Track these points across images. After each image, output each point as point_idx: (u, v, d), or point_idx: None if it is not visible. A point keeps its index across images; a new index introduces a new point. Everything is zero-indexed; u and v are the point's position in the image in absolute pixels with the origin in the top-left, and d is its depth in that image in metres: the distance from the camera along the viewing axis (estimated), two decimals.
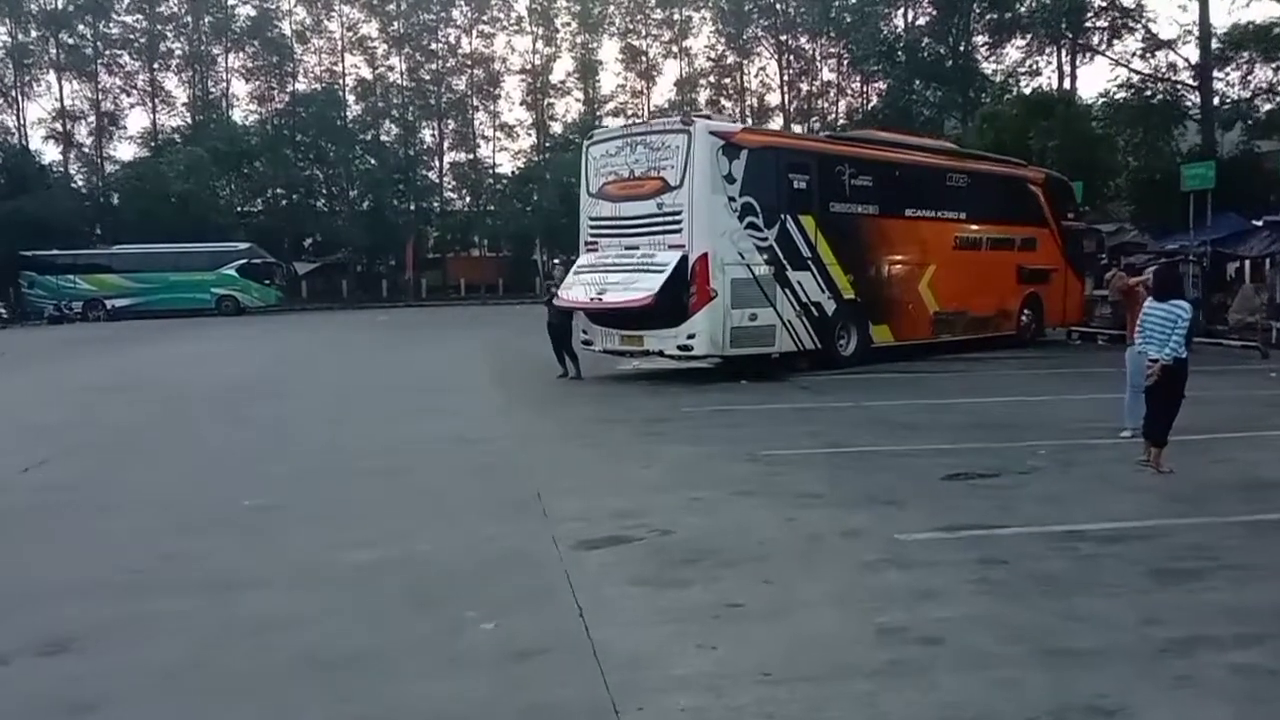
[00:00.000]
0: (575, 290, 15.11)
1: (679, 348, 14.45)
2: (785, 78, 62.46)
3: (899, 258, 17.47)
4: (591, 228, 15.71)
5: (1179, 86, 31.16)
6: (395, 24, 62.12)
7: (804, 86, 63.08)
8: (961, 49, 44.51)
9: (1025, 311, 20.66)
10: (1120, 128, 31.43)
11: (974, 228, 19.07)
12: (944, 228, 18.49)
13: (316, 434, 10.67)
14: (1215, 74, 29.65)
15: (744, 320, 14.60)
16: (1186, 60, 30.86)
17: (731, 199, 14.45)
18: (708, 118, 16.03)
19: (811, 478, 7.88)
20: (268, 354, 22.89)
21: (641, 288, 14.14)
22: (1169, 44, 32.03)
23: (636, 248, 14.75)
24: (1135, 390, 9.76)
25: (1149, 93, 30.48)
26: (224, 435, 10.78)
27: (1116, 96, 31.41)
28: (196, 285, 44.20)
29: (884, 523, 6.45)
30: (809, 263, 15.62)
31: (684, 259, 14.12)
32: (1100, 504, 7.06)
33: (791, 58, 62.86)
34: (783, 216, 15.23)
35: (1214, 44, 29.94)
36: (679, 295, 14.10)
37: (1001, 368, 16.79)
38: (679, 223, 14.27)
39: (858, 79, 60.81)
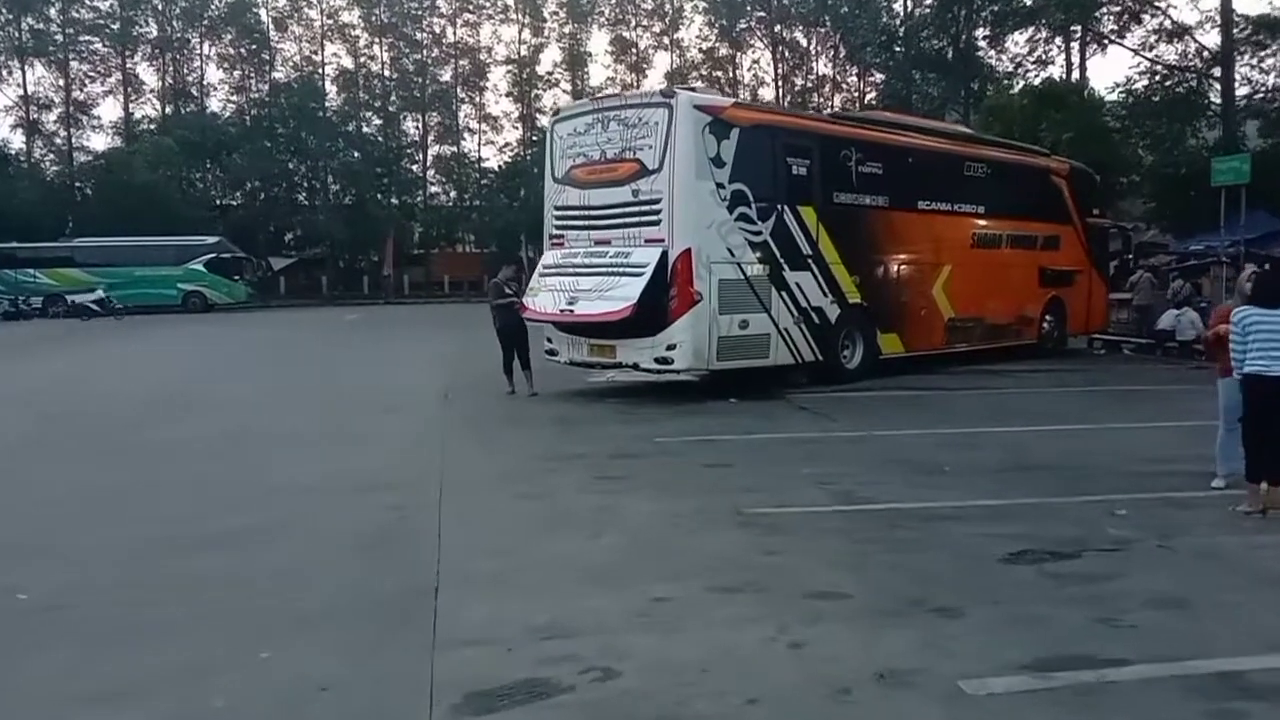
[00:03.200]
0: (541, 298, 12.91)
1: (657, 360, 12.25)
2: (779, 71, 60.33)
3: (911, 257, 15.30)
4: (557, 219, 13.50)
5: (1203, 77, 29.13)
6: (377, 11, 59.76)
7: (798, 80, 61.00)
8: (964, 40, 42.53)
9: (1047, 318, 18.54)
10: (1140, 120, 29.35)
11: (994, 224, 16.92)
12: (961, 223, 16.35)
13: (193, 472, 8.42)
14: (1248, 62, 27.59)
15: (733, 328, 12.43)
16: (1210, 51, 28.82)
17: (720, 185, 12.26)
18: (692, 90, 13.82)
19: (822, 558, 5.70)
20: (207, 357, 20.65)
21: (618, 296, 11.96)
22: (1189, 30, 30.04)
23: (608, 243, 12.56)
24: (1232, 429, 7.67)
25: (1173, 82, 28.42)
26: (78, 473, 8.54)
27: (1136, 87, 29.39)
28: (162, 281, 42.07)
29: (939, 652, 4.28)
30: (809, 261, 13.46)
31: (663, 256, 11.95)
32: (1241, 611, 4.89)
33: (786, 50, 60.76)
34: (779, 207, 13.05)
35: (1235, 31, 27.95)
36: (658, 299, 11.94)
37: (1028, 384, 14.64)
38: (658, 213, 12.07)
39: (854, 73, 58.87)
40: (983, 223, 16.70)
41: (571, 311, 12.48)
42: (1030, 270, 17.85)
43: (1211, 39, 28.82)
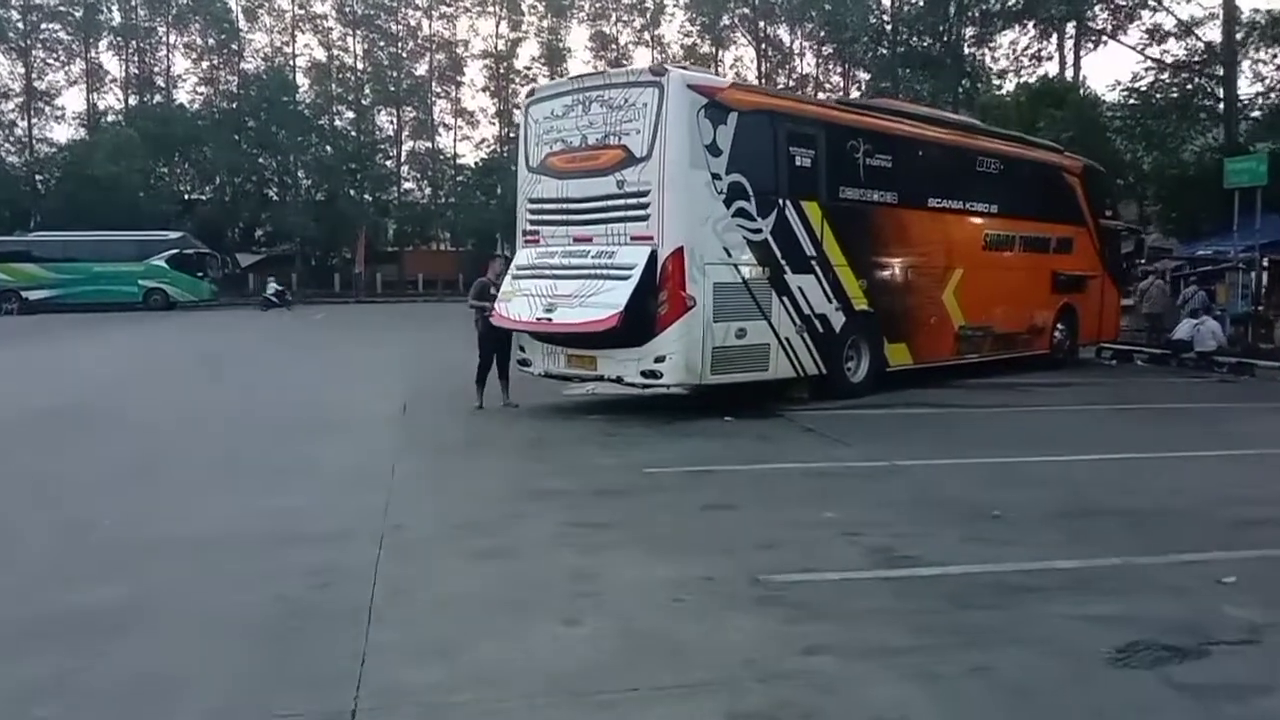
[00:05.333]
0: (516, 304, 11.42)
1: (643, 374, 10.79)
2: (762, 69, 59.02)
3: (921, 259, 13.94)
4: (532, 213, 12.02)
5: (1204, 75, 28.04)
6: (351, 2, 57.94)
7: (781, 79, 59.71)
8: (953, 38, 41.51)
9: (1059, 326, 17.24)
10: (1143, 119, 28.17)
11: (1006, 224, 15.60)
12: (973, 223, 15.04)
13: (59, 516, 6.82)
14: (1260, 58, 26.51)
15: (729, 338, 11.01)
16: (1215, 47, 27.73)
17: (716, 176, 10.84)
18: (685, 68, 12.42)
19: (878, 660, 4.24)
20: (145, 361, 18.98)
21: (603, 303, 10.50)
22: (1191, 28, 28.97)
23: (589, 240, 11.11)
24: None
25: (1179, 80, 27.28)
26: None
27: (1139, 84, 28.25)
28: (122, 277, 40.33)
29: None
30: (813, 263, 12.07)
31: (652, 256, 10.52)
32: None
33: (769, 48, 59.49)
34: (781, 202, 11.66)
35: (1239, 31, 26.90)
36: (645, 305, 10.51)
37: (1051, 401, 13.32)
38: (646, 207, 10.64)
39: (838, 73, 57.75)
40: (995, 223, 15.39)
41: (550, 320, 11.00)
42: (1043, 275, 16.57)
43: (1216, 34, 27.72)
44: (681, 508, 7.03)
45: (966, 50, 41.81)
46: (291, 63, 58.28)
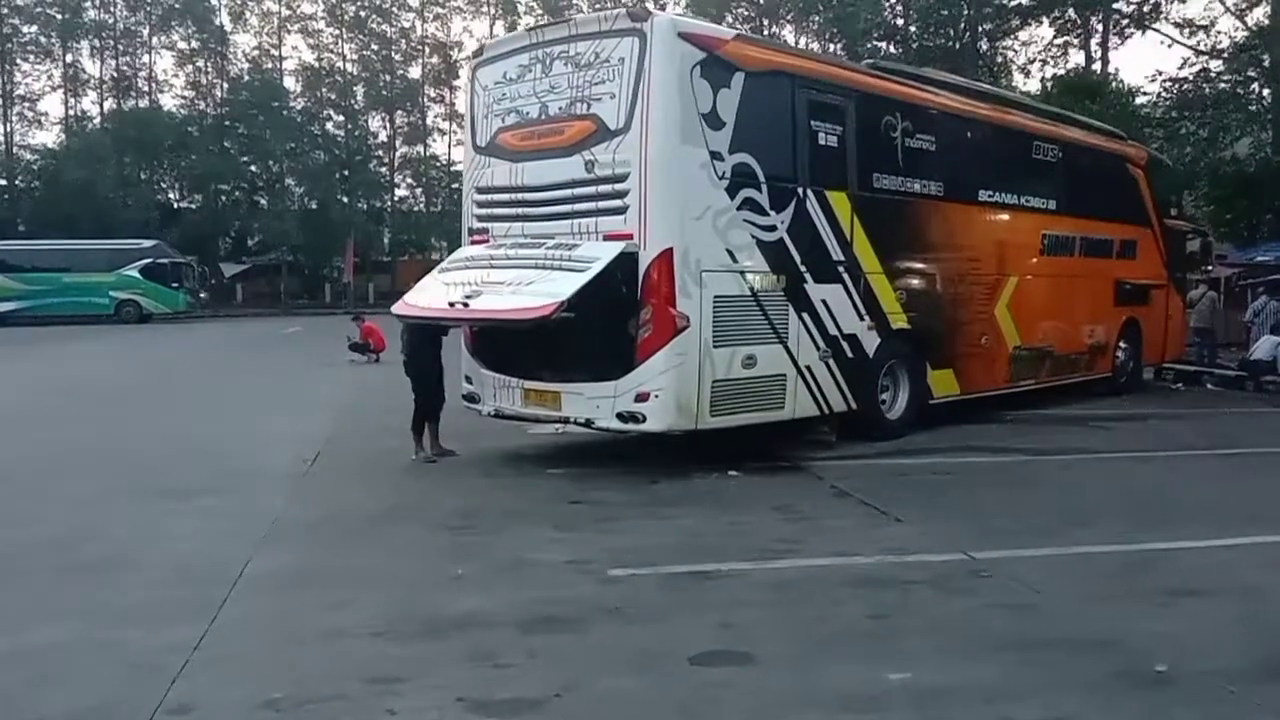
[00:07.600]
0: (431, 293, 8.82)
1: (620, 416, 8.11)
2: None
3: (971, 266, 11.32)
4: (479, 205, 9.39)
5: (1247, 65, 25.48)
6: (343, 3, 55.70)
7: None
8: (970, 33, 39.13)
9: (1121, 345, 14.57)
10: (1195, 111, 25.55)
11: (1067, 223, 12.99)
12: (1030, 222, 12.43)
13: None
14: None
15: (734, 368, 8.38)
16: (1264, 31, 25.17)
17: (716, 156, 8.21)
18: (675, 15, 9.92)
19: None
20: (51, 386, 16.29)
21: (540, 291, 7.82)
22: (1240, 15, 26.43)
23: (550, 238, 8.49)
24: None
25: (1239, 61, 24.72)
26: None
27: (1185, 73, 25.71)
28: (93, 288, 38.21)
29: None
30: (840, 270, 9.46)
31: (628, 259, 7.92)
32: None
33: None
34: (800, 192, 9.04)
35: None
36: (619, 322, 7.94)
37: (1134, 442, 10.71)
38: (623, 196, 8.03)
39: None
40: (1054, 222, 12.77)
41: (466, 305, 8.25)
42: (1105, 285, 13.95)
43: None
44: (661, 661, 4.35)
45: (986, 45, 39.47)
46: (279, 65, 56.12)
